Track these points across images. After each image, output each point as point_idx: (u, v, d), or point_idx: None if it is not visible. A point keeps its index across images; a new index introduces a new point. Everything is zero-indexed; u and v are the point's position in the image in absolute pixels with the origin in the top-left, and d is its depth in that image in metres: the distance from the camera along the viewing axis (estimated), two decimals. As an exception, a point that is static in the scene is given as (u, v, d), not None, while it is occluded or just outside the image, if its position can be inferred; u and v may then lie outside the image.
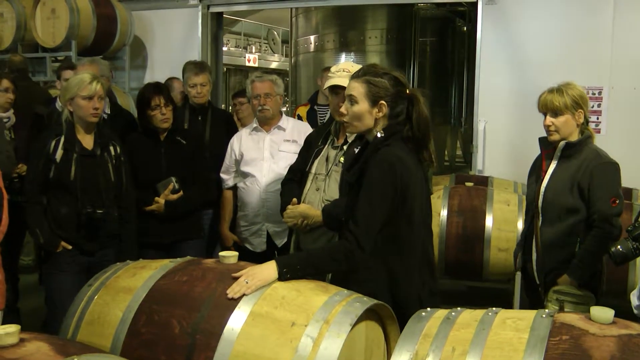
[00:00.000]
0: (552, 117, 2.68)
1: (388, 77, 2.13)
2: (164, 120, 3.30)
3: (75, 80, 2.93)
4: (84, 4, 5.78)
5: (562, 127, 2.66)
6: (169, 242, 3.33)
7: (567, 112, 2.65)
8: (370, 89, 2.12)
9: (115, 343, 1.86)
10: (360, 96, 2.13)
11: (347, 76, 2.64)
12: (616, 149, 4.72)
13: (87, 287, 2.11)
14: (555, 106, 2.65)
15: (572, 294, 2.62)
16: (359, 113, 2.14)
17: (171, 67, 5.78)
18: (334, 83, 2.70)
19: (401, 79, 2.16)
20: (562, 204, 2.67)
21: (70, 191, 2.90)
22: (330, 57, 7.39)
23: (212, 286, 1.90)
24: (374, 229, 2.06)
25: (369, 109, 2.13)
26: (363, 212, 2.05)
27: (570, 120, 2.66)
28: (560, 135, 2.68)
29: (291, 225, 2.81)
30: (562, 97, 2.64)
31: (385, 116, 2.15)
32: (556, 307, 2.60)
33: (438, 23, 7.88)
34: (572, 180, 2.65)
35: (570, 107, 2.64)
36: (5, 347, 1.37)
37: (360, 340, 1.89)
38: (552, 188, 2.70)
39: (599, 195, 2.61)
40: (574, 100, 2.65)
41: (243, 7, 6.76)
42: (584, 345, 1.46)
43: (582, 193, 2.64)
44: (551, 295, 2.65)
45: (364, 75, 2.15)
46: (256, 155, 3.43)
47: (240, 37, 16.31)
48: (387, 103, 2.12)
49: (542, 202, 2.73)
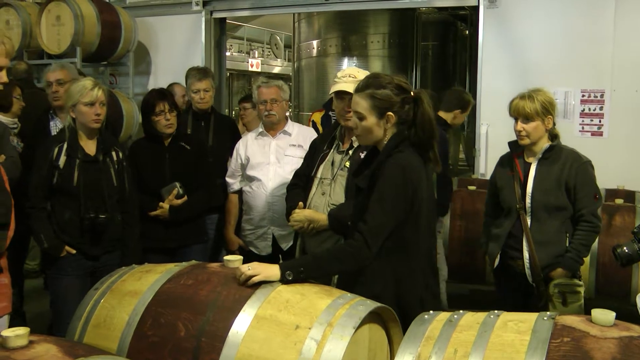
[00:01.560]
0: (523, 122, 2.83)
1: (391, 87, 2.14)
2: (168, 126, 3.33)
3: (78, 87, 2.95)
4: (88, 11, 5.83)
5: (532, 132, 2.83)
6: (173, 247, 3.36)
7: (538, 118, 2.80)
8: (375, 103, 2.13)
9: (122, 346, 1.88)
10: (366, 111, 2.15)
11: (352, 82, 2.66)
12: (618, 152, 4.78)
13: (93, 290, 2.13)
14: (526, 112, 2.80)
15: (570, 285, 2.77)
16: (368, 128, 2.17)
17: (175, 72, 5.81)
18: (339, 89, 2.73)
19: (404, 85, 2.17)
20: (552, 203, 2.81)
21: (74, 196, 2.93)
22: (333, 62, 7.42)
23: (217, 289, 1.91)
24: (383, 231, 2.08)
25: (377, 121, 2.15)
26: (374, 213, 2.07)
27: (540, 125, 2.82)
28: (530, 139, 2.84)
29: (297, 229, 2.83)
30: (533, 104, 2.79)
31: (394, 124, 2.17)
32: (560, 300, 2.74)
33: (440, 27, 7.91)
34: (558, 180, 2.81)
35: (541, 114, 2.80)
36: (15, 348, 1.39)
37: (364, 342, 1.91)
38: (539, 189, 2.83)
39: (585, 192, 2.80)
40: (544, 106, 2.79)
41: (246, 12, 6.78)
42: (585, 347, 1.47)
43: (569, 191, 2.80)
44: (552, 289, 2.77)
45: (367, 89, 2.15)
46: (262, 160, 3.46)
47: (243, 42, 16.36)
48: (394, 112, 2.14)
49: (530, 202, 2.84)
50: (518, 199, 2.87)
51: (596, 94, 4.89)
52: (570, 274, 2.80)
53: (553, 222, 2.82)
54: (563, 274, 2.79)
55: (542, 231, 2.82)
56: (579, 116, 4.93)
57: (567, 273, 2.79)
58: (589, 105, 4.91)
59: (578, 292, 2.77)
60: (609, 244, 3.39)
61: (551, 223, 2.82)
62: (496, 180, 3.04)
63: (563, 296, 2.75)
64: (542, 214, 2.83)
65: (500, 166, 3.06)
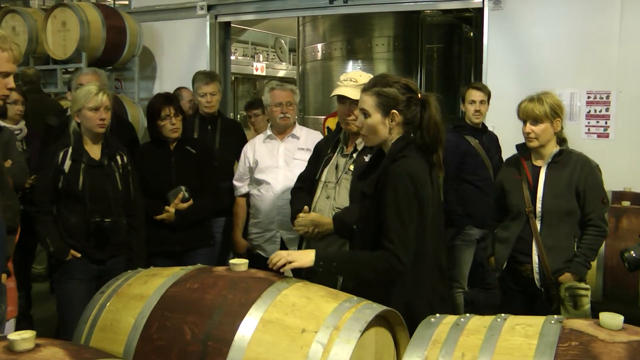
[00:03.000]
0: (532, 124, 2.83)
1: (398, 86, 2.15)
2: (173, 130, 3.34)
3: (82, 92, 2.98)
4: (93, 16, 5.86)
5: (541, 134, 2.82)
6: (179, 251, 3.36)
7: (547, 120, 2.80)
8: (381, 100, 2.14)
9: (128, 349, 1.88)
10: (372, 108, 2.16)
11: (353, 86, 2.66)
12: (625, 154, 4.75)
13: (99, 294, 2.14)
14: (535, 115, 2.80)
15: (580, 288, 2.78)
16: (372, 125, 2.17)
17: (180, 77, 5.83)
18: (338, 93, 2.73)
19: (411, 86, 2.18)
20: (564, 207, 2.81)
21: (79, 201, 2.95)
22: (338, 65, 7.41)
23: (223, 293, 1.91)
24: (410, 242, 2.07)
25: (382, 119, 2.15)
26: (395, 229, 2.06)
27: (549, 128, 2.82)
28: (539, 142, 2.85)
29: (302, 233, 2.83)
30: (542, 106, 2.79)
31: (399, 124, 2.17)
32: (571, 303, 2.75)
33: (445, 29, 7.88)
34: (569, 184, 2.81)
35: (550, 116, 2.79)
36: (21, 352, 1.39)
37: (370, 346, 1.90)
38: (550, 193, 2.82)
39: (593, 196, 2.82)
40: (553, 109, 2.80)
41: (250, 16, 6.79)
42: (594, 351, 1.46)
43: (578, 196, 2.81)
44: (564, 293, 2.77)
45: (374, 87, 2.17)
46: (271, 163, 3.46)
47: (247, 46, 16.40)
48: (399, 111, 2.14)
49: (541, 206, 2.83)
50: (527, 202, 2.85)
51: (602, 95, 4.86)
52: (578, 278, 2.80)
53: (563, 227, 2.82)
54: (571, 279, 2.79)
55: (552, 236, 2.81)
56: (585, 118, 4.90)
57: (575, 277, 2.79)
58: (595, 106, 4.89)
59: (585, 296, 2.77)
60: (616, 247, 3.37)
61: (561, 228, 2.82)
62: (503, 183, 3.02)
63: (574, 300, 2.75)
64: (553, 219, 2.82)
65: (506, 169, 3.05)
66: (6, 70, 2.05)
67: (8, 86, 2.07)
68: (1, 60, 2.02)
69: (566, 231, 2.82)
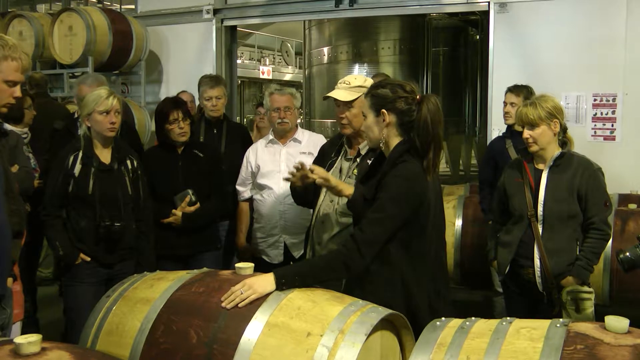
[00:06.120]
0: (529, 129, 2.85)
1: (390, 86, 2.19)
2: (181, 134, 3.35)
3: (93, 96, 2.99)
4: (100, 21, 5.90)
5: (539, 138, 2.84)
6: (186, 254, 3.37)
7: (543, 123, 2.81)
8: (373, 101, 2.21)
9: (134, 353, 1.89)
10: (367, 110, 2.24)
11: (345, 88, 2.70)
12: (632, 157, 4.73)
13: (105, 298, 2.15)
14: (530, 119, 2.82)
15: (583, 292, 2.76)
16: (368, 125, 2.24)
17: (186, 81, 5.86)
18: (329, 95, 2.75)
19: (406, 86, 2.19)
20: (565, 211, 2.81)
21: (89, 205, 2.96)
22: (344, 69, 7.43)
23: (229, 297, 1.91)
24: (379, 240, 2.08)
25: (374, 119, 2.21)
26: (372, 222, 2.08)
27: (546, 130, 2.83)
28: (538, 145, 2.85)
29: (313, 179, 2.53)
30: (536, 110, 2.81)
31: (395, 125, 2.18)
32: (573, 307, 2.74)
33: (450, 32, 7.89)
34: (570, 187, 2.81)
35: (545, 119, 2.81)
36: (27, 355, 1.40)
37: (376, 349, 1.90)
38: (552, 197, 2.82)
39: (595, 200, 2.81)
40: (548, 111, 2.81)
41: (256, 20, 6.81)
42: (599, 354, 1.46)
43: (580, 199, 2.81)
44: (565, 297, 2.76)
45: (371, 90, 2.26)
46: (273, 168, 3.46)
47: (254, 49, 16.46)
48: (389, 110, 2.16)
49: (543, 210, 2.83)
50: (529, 206, 2.85)
51: (608, 98, 4.85)
52: (580, 282, 2.79)
53: (565, 231, 2.81)
54: (573, 282, 2.78)
55: (554, 239, 2.81)
56: (591, 120, 4.89)
57: (577, 281, 2.78)
58: (601, 109, 4.87)
59: (588, 299, 2.76)
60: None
61: (563, 231, 2.81)
62: (505, 186, 3.01)
63: (576, 303, 2.73)
64: (555, 222, 2.81)
65: (509, 172, 3.04)
66: (14, 79, 2.07)
67: (14, 95, 2.09)
68: (10, 69, 2.04)
69: (568, 234, 2.81)
